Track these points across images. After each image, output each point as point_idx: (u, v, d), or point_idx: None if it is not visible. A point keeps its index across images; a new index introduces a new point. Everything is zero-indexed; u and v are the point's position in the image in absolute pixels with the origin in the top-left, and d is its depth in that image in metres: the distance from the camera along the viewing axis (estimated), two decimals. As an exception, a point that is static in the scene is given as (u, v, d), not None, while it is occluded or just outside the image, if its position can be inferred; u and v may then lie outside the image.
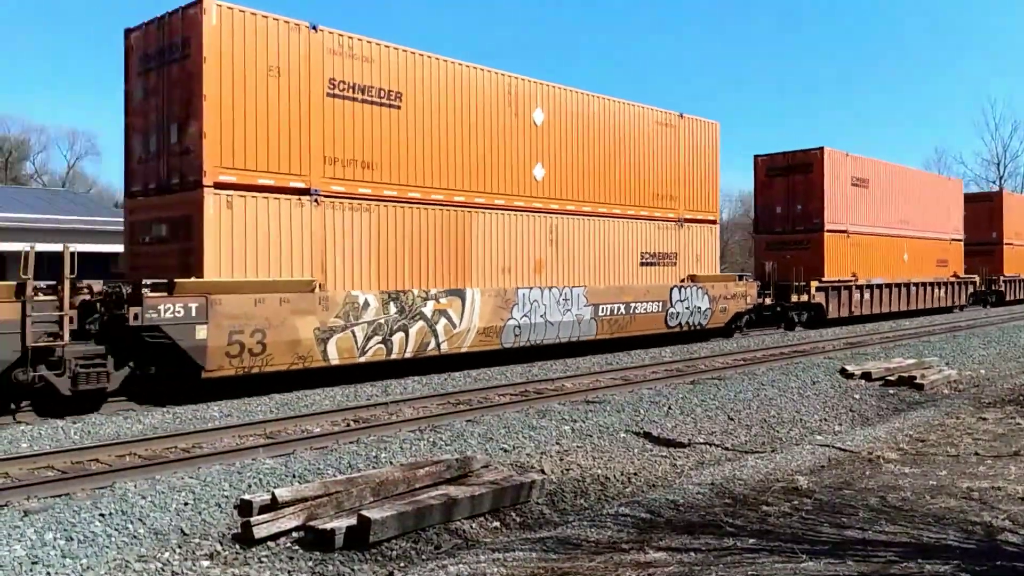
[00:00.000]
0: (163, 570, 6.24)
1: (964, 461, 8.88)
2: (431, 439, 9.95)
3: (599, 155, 18.56)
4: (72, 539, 6.44)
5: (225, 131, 12.38)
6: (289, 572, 6.34)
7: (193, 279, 11.95)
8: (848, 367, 16.35)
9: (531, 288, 16.82)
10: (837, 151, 27.02)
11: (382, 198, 14.30)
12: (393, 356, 14.21)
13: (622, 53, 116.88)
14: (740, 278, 23.33)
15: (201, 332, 11.68)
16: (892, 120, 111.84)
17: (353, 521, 6.73)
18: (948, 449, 9.60)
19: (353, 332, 13.55)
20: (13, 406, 10.99)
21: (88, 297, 11.66)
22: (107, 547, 6.44)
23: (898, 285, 29.71)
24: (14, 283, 10.66)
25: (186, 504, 7.27)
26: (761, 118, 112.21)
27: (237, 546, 6.64)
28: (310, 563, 6.45)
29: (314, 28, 13.38)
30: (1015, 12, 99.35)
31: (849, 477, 8.32)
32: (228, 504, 7.36)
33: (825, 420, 12.94)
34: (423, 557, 6.69)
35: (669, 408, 12.28)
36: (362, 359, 13.77)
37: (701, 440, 11.05)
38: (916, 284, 30.89)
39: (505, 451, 9.72)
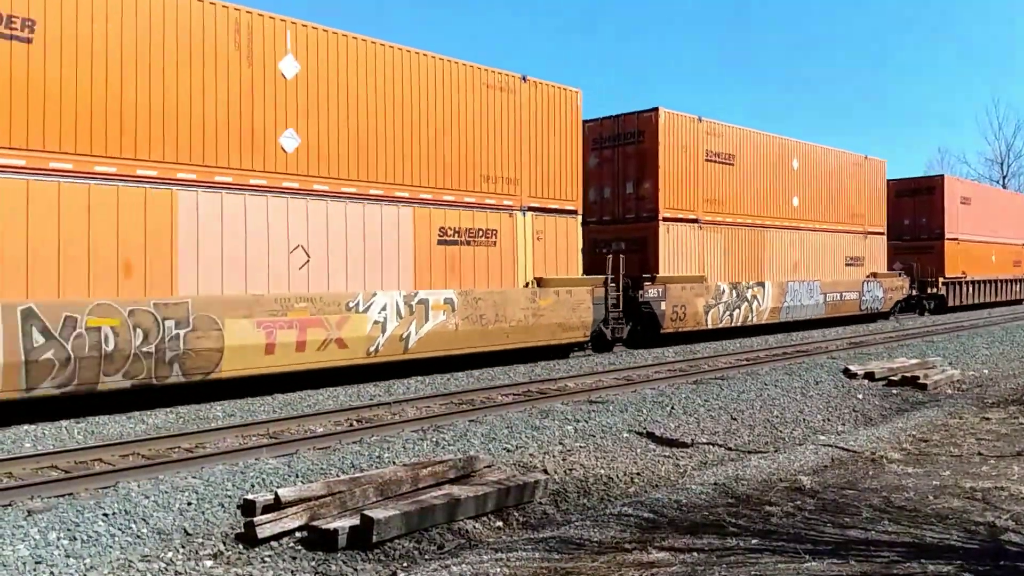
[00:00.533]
0: (166, 570, 6.26)
1: (967, 461, 8.87)
2: (434, 439, 9.95)
3: (822, 186, 26.19)
4: (76, 539, 6.46)
5: (666, 186, 20.28)
6: (292, 572, 6.35)
7: (655, 275, 19.70)
8: (851, 367, 16.33)
9: (794, 281, 24.28)
10: (953, 177, 36.33)
11: (725, 223, 22.05)
12: (734, 324, 21.97)
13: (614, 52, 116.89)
14: (899, 274, 30.52)
15: (662, 305, 19.65)
16: (893, 119, 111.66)
17: (356, 521, 6.73)
18: (951, 449, 9.58)
19: (718, 308, 21.35)
20: (586, 347, 18.53)
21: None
22: (110, 547, 6.46)
23: (990, 281, 37.43)
24: (603, 276, 18.11)
25: (189, 504, 7.28)
26: (761, 117, 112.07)
27: (240, 546, 6.65)
28: (313, 563, 6.46)
29: (700, 119, 21.24)
30: (1016, 11, 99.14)
31: (852, 477, 8.31)
32: (231, 504, 7.37)
33: (828, 420, 12.93)
34: (426, 557, 6.69)
35: (672, 408, 12.28)
36: (720, 325, 21.48)
37: (704, 440, 11.04)
38: (1001, 280, 38.63)
39: (508, 451, 9.72)
